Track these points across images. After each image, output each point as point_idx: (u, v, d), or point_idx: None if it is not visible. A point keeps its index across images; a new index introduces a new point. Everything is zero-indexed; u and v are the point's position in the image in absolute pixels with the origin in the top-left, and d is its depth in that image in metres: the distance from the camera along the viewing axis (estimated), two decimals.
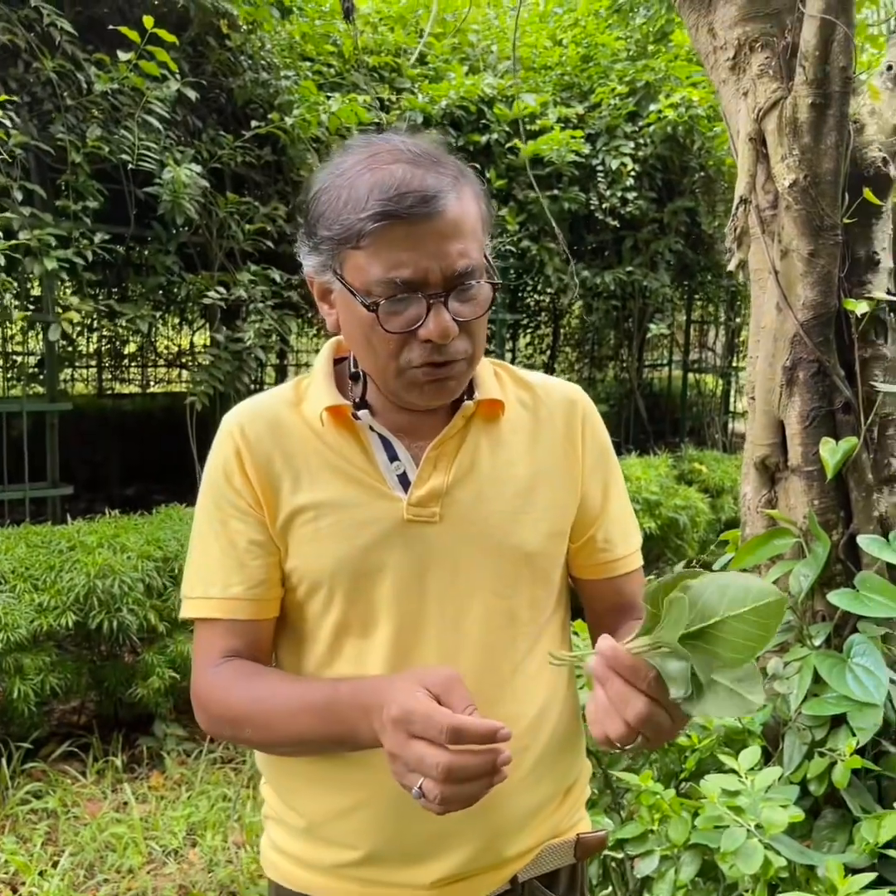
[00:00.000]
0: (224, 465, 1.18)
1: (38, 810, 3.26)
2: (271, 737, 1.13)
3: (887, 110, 2.36)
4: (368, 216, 1.02)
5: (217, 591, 1.17)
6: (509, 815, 1.19)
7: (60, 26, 4.05)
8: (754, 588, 0.86)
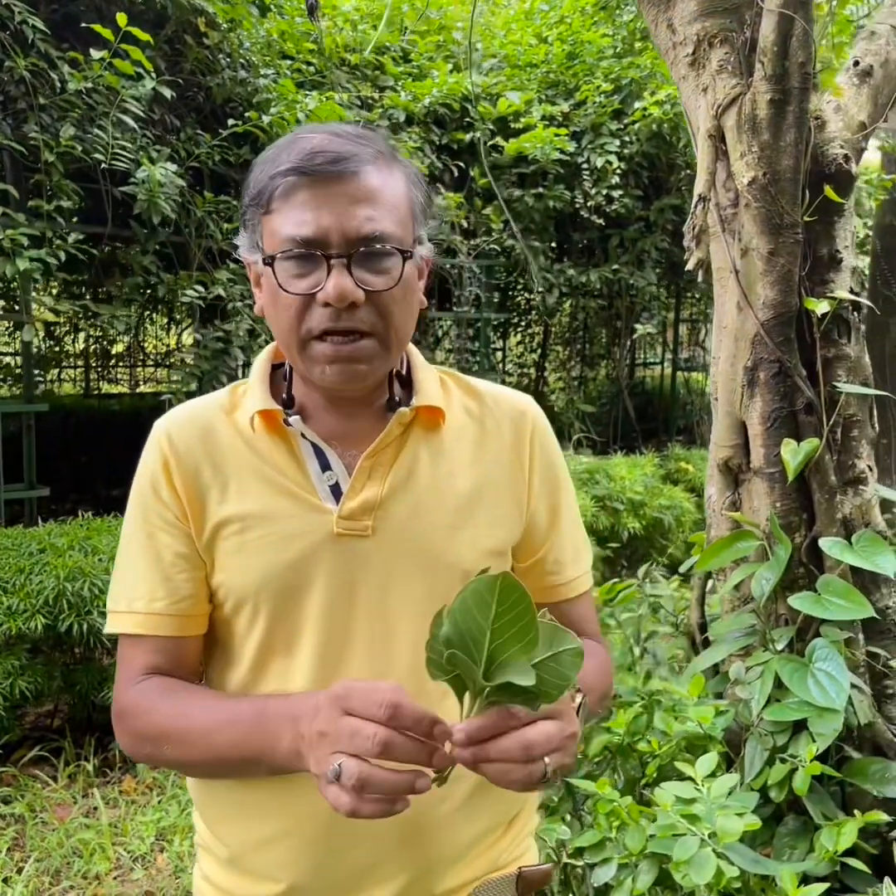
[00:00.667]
0: (151, 476, 1.13)
1: (5, 815, 3.23)
2: (189, 753, 1.07)
3: (853, 107, 2.33)
4: (276, 174, 1.02)
5: (141, 606, 1.12)
6: (444, 847, 1.13)
7: (32, 24, 4.01)
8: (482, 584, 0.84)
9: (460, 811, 1.13)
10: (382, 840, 1.09)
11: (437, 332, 7.89)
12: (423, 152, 5.87)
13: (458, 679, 0.86)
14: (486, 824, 1.18)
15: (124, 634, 1.14)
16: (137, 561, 1.13)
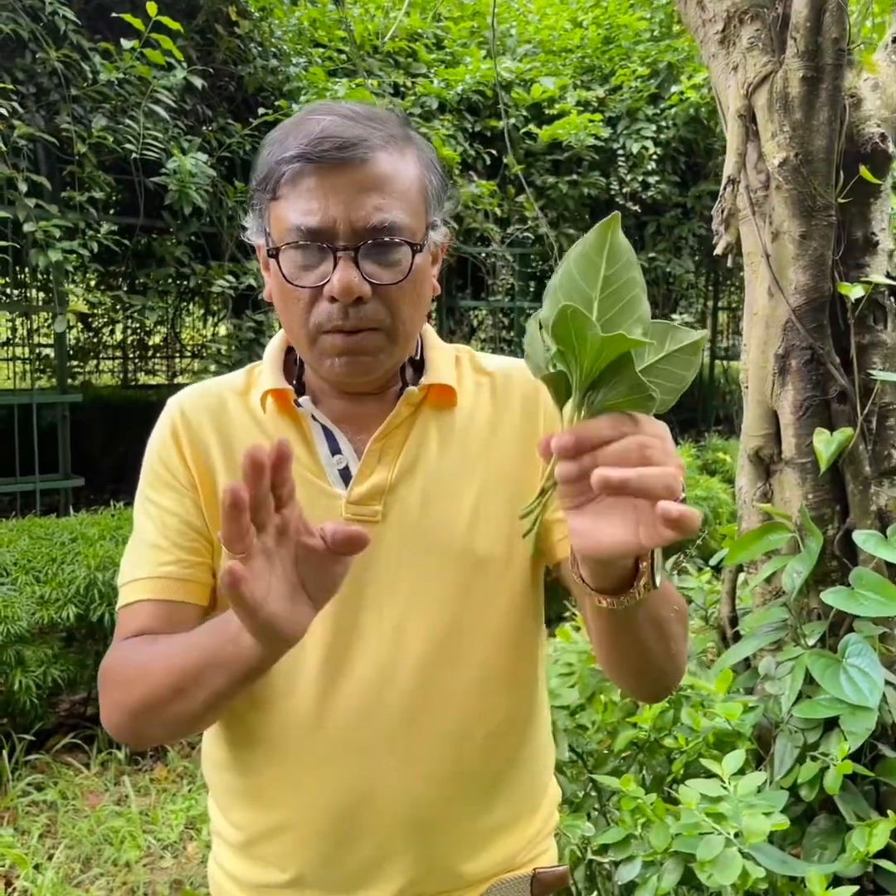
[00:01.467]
0: (161, 447, 1.11)
1: (38, 802, 3.27)
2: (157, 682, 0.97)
3: (892, 84, 2.25)
4: (282, 160, 0.99)
5: (145, 571, 1.07)
6: (454, 842, 1.10)
7: (64, 15, 4.03)
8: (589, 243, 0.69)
9: (472, 805, 1.11)
10: (390, 834, 1.07)
11: (472, 322, 7.85)
12: (456, 140, 5.82)
13: (559, 378, 0.72)
14: (501, 819, 1.14)
15: (126, 605, 1.08)
16: (145, 532, 1.10)
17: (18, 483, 4.44)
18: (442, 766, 1.07)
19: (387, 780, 1.06)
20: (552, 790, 1.26)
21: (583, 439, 0.70)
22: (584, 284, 0.69)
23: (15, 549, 3.48)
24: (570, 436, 0.70)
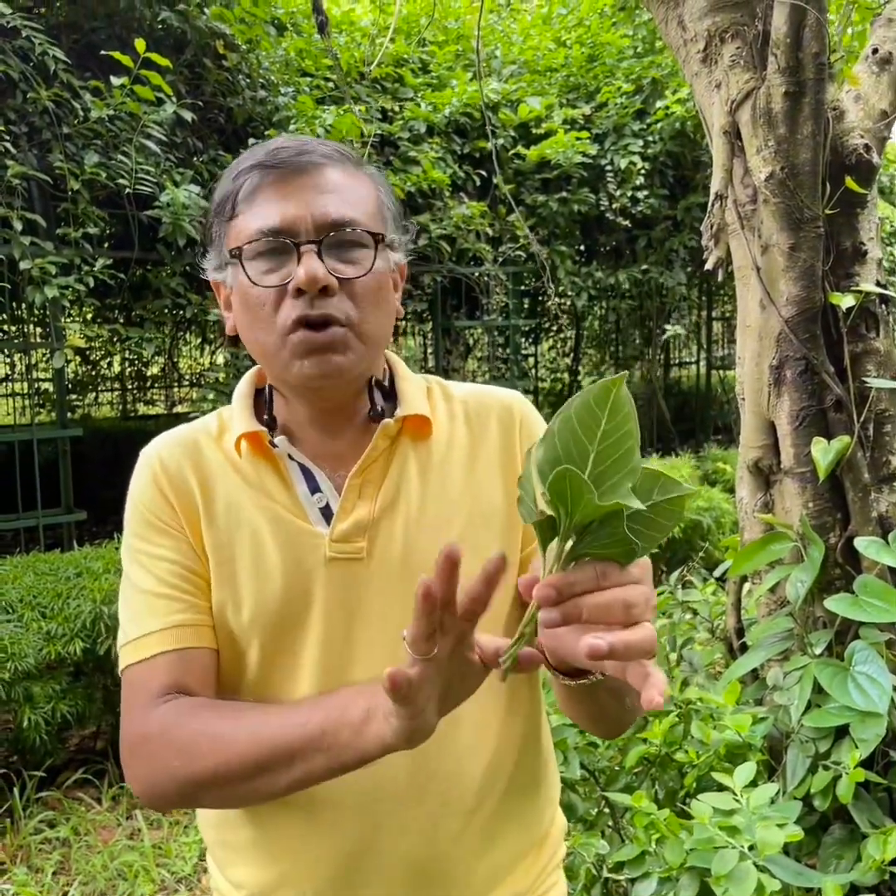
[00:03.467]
0: (144, 496, 1.08)
1: (51, 839, 3.25)
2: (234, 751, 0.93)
3: (873, 95, 2.28)
4: (240, 173, 1.01)
5: (156, 624, 1.03)
6: (461, 886, 1.07)
7: (53, 55, 4.07)
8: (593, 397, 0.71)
9: (475, 845, 1.08)
10: (396, 881, 1.05)
11: (467, 342, 7.88)
12: (446, 162, 5.86)
13: (547, 524, 0.74)
14: (506, 856, 1.12)
15: (135, 663, 1.03)
16: (143, 584, 1.05)
17: (21, 519, 4.45)
18: (443, 805, 1.05)
19: (388, 825, 1.03)
20: (558, 822, 1.23)
21: (565, 589, 0.73)
22: (582, 435, 0.71)
23: (20, 586, 3.48)
24: (552, 589, 0.73)
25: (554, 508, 0.72)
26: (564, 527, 0.73)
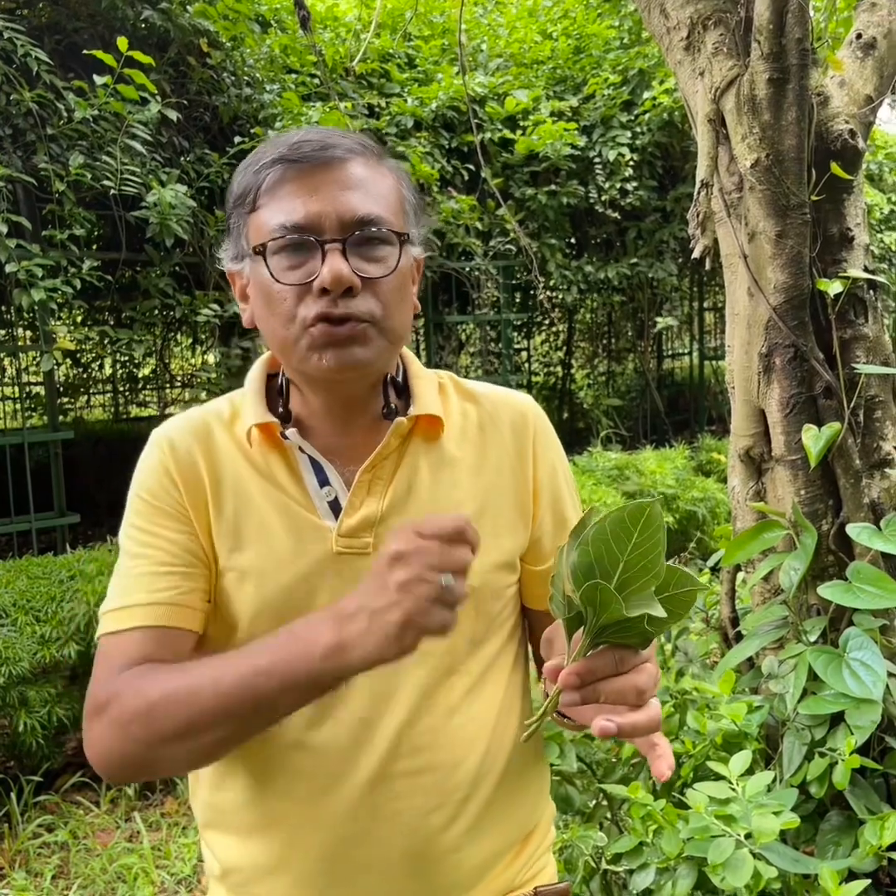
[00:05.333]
0: (150, 477, 1.08)
1: (49, 843, 3.24)
2: (198, 708, 0.92)
3: (858, 80, 2.27)
4: (262, 166, 0.99)
5: (140, 598, 1.02)
6: (454, 873, 1.08)
7: (36, 56, 4.05)
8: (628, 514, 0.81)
9: (468, 835, 1.09)
10: (390, 870, 1.05)
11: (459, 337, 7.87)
12: (433, 157, 5.85)
13: (576, 618, 0.84)
14: (497, 845, 1.13)
15: (111, 632, 1.03)
16: (137, 560, 1.05)
17: (14, 523, 4.43)
18: (438, 795, 1.06)
19: (383, 813, 1.04)
20: (547, 810, 1.25)
21: (587, 676, 0.83)
22: (614, 546, 0.81)
23: (13, 590, 3.47)
24: (576, 676, 0.82)
25: (583, 609, 0.82)
26: (591, 624, 0.82)
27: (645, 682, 0.84)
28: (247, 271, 1.05)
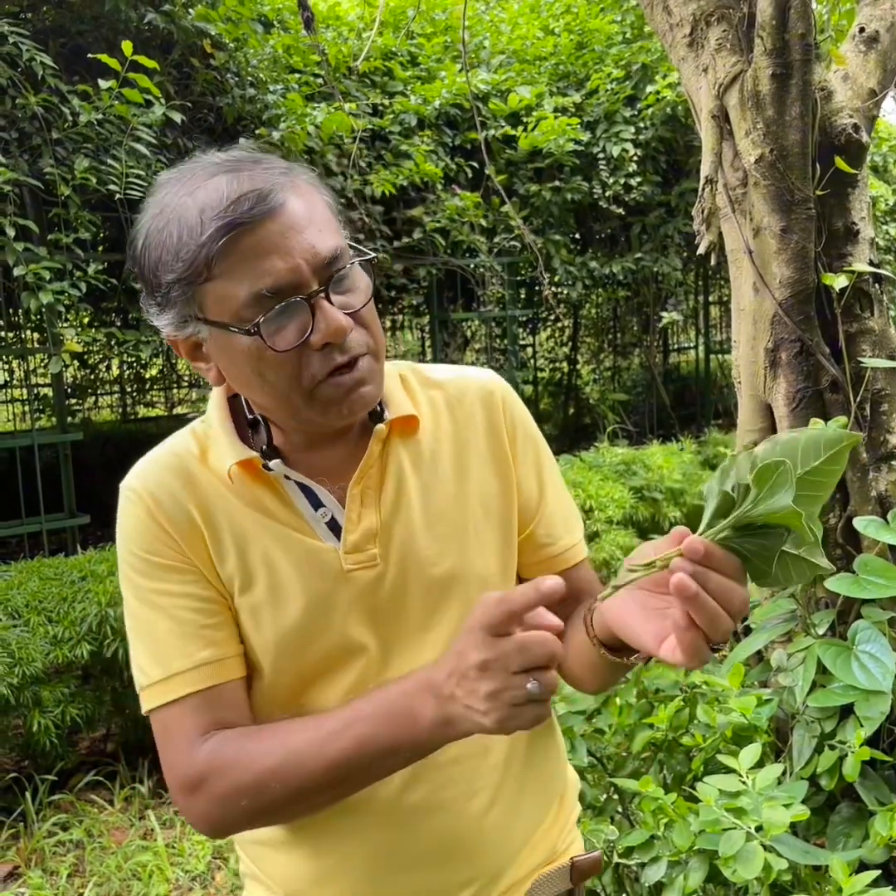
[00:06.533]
0: (140, 536, 1.03)
1: (64, 842, 3.27)
2: (305, 776, 0.95)
3: (861, 74, 2.28)
4: (209, 237, 0.91)
5: (180, 665, 1.01)
6: (498, 852, 1.11)
7: (40, 61, 4.07)
8: (825, 437, 0.80)
9: (508, 812, 1.13)
10: (437, 862, 1.08)
11: (465, 334, 7.88)
12: (437, 155, 5.86)
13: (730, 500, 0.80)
14: (533, 817, 1.17)
15: (165, 704, 1.02)
16: (156, 625, 1.03)
17: (24, 525, 4.46)
18: (475, 781, 1.09)
19: (424, 808, 1.06)
20: (571, 776, 1.29)
21: (709, 555, 0.80)
22: (800, 457, 0.80)
23: (25, 591, 3.49)
24: (702, 546, 0.80)
25: (743, 493, 0.78)
26: (742, 510, 0.79)
27: (745, 595, 0.82)
28: (203, 335, 0.99)
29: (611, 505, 4.95)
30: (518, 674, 0.82)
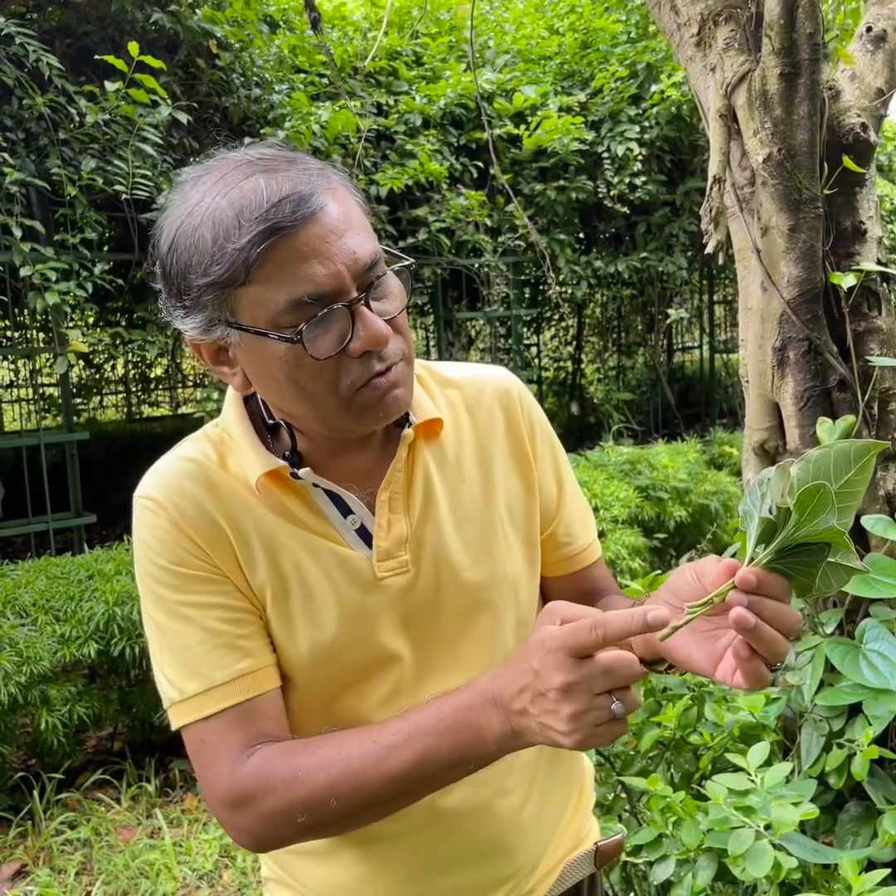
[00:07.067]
0: (164, 546, 1.00)
1: (72, 840, 3.28)
2: (365, 791, 0.92)
3: (869, 73, 2.28)
4: (249, 241, 0.88)
5: (218, 677, 0.98)
6: (530, 848, 1.14)
7: (47, 61, 4.08)
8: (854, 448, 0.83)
9: (541, 806, 1.15)
10: (475, 861, 1.10)
11: (469, 334, 7.88)
12: (442, 154, 5.86)
13: (771, 525, 0.83)
14: (561, 806, 1.20)
15: (202, 719, 0.98)
16: (188, 639, 0.99)
17: (31, 524, 4.47)
18: (510, 778, 1.11)
19: (461, 810, 1.07)
20: (587, 763, 1.32)
21: (762, 584, 0.82)
22: (832, 473, 0.83)
23: (33, 590, 3.51)
24: (754, 577, 0.82)
25: (785, 517, 0.82)
26: (786, 533, 0.82)
27: (797, 617, 0.84)
28: (231, 340, 0.95)
29: (616, 504, 4.95)
30: (601, 695, 0.82)
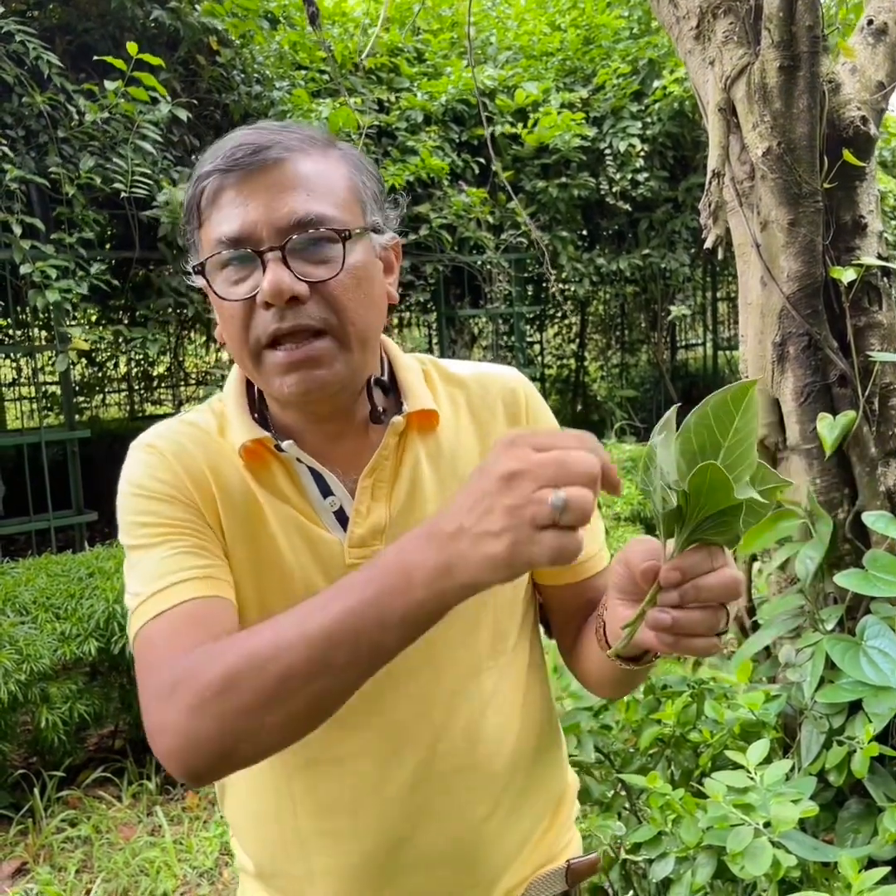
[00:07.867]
0: (153, 478, 0.98)
1: (73, 838, 3.27)
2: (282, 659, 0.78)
3: (869, 66, 2.26)
4: (200, 177, 0.95)
5: (181, 575, 0.93)
6: (496, 857, 1.10)
7: (47, 59, 4.07)
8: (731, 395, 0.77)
9: (508, 819, 1.10)
10: (434, 867, 1.06)
11: (472, 331, 7.87)
12: (444, 151, 5.85)
13: (674, 513, 0.79)
14: (531, 823, 1.15)
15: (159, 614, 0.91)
16: (157, 549, 0.95)
17: (33, 522, 4.47)
18: (479, 789, 1.07)
19: (426, 814, 1.04)
20: (571, 778, 1.26)
21: (687, 571, 0.79)
22: (716, 430, 0.78)
23: (33, 588, 3.50)
24: (677, 571, 0.79)
25: (684, 500, 0.78)
26: (693, 516, 0.79)
27: (732, 578, 0.80)
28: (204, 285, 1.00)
29: (618, 501, 4.94)
30: (545, 488, 0.69)
